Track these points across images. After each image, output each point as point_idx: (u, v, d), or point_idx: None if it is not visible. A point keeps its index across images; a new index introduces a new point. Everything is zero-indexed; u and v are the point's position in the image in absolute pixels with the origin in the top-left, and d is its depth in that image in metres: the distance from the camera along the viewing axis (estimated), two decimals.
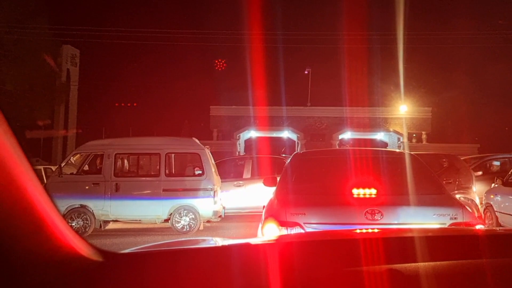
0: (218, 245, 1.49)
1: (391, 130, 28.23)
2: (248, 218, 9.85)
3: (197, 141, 9.93)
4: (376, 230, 2.30)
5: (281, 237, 2.07)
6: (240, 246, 1.34)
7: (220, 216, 9.64)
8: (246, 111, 26.93)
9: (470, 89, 28.52)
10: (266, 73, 23.05)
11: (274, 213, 3.84)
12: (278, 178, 4.80)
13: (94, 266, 0.99)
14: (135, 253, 1.25)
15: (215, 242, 1.67)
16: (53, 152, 28.83)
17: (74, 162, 10.35)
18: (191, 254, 1.24)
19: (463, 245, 1.30)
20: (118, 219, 9.51)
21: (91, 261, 0.99)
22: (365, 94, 26.08)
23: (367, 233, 1.75)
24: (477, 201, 9.90)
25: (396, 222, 3.63)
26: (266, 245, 1.37)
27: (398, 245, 1.25)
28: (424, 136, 28.22)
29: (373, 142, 28.17)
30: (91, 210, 9.08)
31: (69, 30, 26.68)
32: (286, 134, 28.47)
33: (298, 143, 27.96)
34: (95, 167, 10.05)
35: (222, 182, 10.51)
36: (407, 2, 20.38)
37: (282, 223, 3.65)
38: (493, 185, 9.66)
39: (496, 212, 8.63)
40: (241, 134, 27.96)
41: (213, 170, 9.53)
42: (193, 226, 9.21)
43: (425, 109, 28.63)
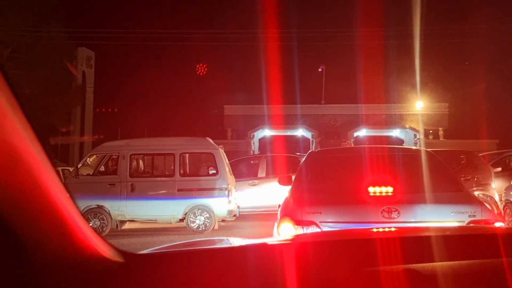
0: (234, 245, 1.49)
1: (407, 126, 27.91)
2: (263, 217, 9.83)
3: (211, 141, 9.95)
4: (393, 229, 2.26)
5: (297, 236, 2.05)
6: (256, 247, 1.34)
7: (235, 215, 9.66)
8: (260, 110, 26.92)
9: (488, 83, 28.01)
10: (279, 71, 23.00)
11: (290, 212, 3.82)
12: (293, 177, 4.78)
13: (115, 267, 1.00)
14: (154, 253, 1.27)
15: (231, 242, 1.66)
16: (70, 153, 29.25)
17: (90, 163, 10.46)
18: (208, 254, 1.25)
19: (482, 244, 1.27)
20: (134, 219, 9.60)
21: (112, 261, 1.01)
22: (380, 90, 25.86)
23: (384, 232, 1.72)
24: (496, 198, 9.72)
25: (413, 220, 3.57)
26: (282, 245, 1.36)
27: (415, 244, 1.23)
28: (441, 132, 27.83)
29: (389, 139, 27.89)
30: (108, 210, 9.17)
31: (84, 33, 27.04)
32: (301, 132, 28.37)
33: (312, 141, 27.85)
34: (111, 168, 10.16)
35: (237, 181, 10.52)
36: None
37: (298, 222, 3.63)
38: None
39: None
40: (255, 133, 27.97)
41: (227, 169, 9.54)
42: (208, 226, 9.24)
43: (442, 104, 28.23)
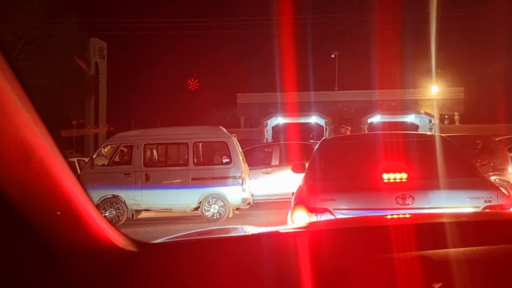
0: (248, 233, 1.49)
1: (422, 112, 27.55)
2: (277, 205, 9.85)
3: (224, 129, 9.97)
4: (407, 216, 2.24)
5: (310, 224, 2.05)
6: (270, 235, 1.34)
7: (249, 203, 9.70)
8: (273, 98, 26.80)
9: (504, 66, 27.40)
10: (292, 58, 22.81)
11: (304, 199, 3.82)
12: (306, 165, 4.77)
13: (130, 256, 1.02)
14: (168, 242, 1.28)
15: (245, 230, 1.67)
16: (85, 144, 29.61)
17: (105, 154, 10.58)
18: (222, 243, 1.26)
19: (497, 229, 1.25)
20: (150, 208, 9.71)
21: (127, 251, 1.02)
22: (394, 76, 25.48)
23: (398, 218, 1.71)
24: None
25: (428, 207, 3.55)
26: (296, 233, 1.36)
27: (428, 230, 1.22)
28: (456, 117, 27.41)
29: (403, 125, 27.58)
30: (123, 200, 9.29)
31: (95, 23, 27.14)
32: (314, 119, 28.22)
33: (326, 128, 27.70)
34: (126, 158, 10.26)
35: (251, 169, 10.54)
36: None
37: (312, 210, 3.63)
38: None
39: None
40: (268, 121, 27.91)
41: (240, 158, 9.56)
42: (222, 214, 9.31)
43: (457, 89, 27.76)
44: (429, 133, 14.26)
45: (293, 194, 4.39)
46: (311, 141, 15.06)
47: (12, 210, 0.76)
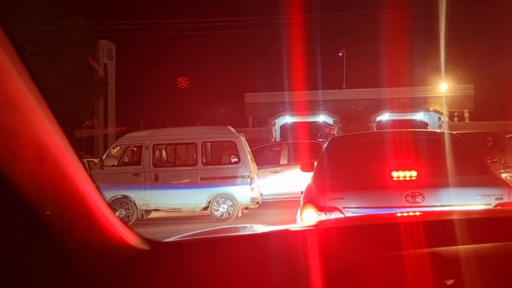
0: (258, 232, 1.50)
1: (431, 109, 27.34)
2: (286, 204, 9.85)
3: (232, 129, 9.99)
4: (417, 213, 2.23)
5: (320, 222, 2.05)
6: (279, 233, 1.35)
7: (257, 202, 9.71)
8: (280, 97, 26.78)
9: None
10: (299, 57, 22.76)
11: (313, 198, 3.81)
12: (315, 163, 4.76)
13: (143, 255, 1.03)
14: (179, 241, 1.29)
15: (255, 229, 1.68)
16: (94, 144, 29.81)
17: (114, 154, 10.65)
18: (233, 241, 1.27)
19: (509, 226, 1.24)
20: (159, 208, 9.76)
21: (139, 250, 1.03)
22: (402, 73, 25.30)
23: (408, 216, 1.70)
24: None
25: (438, 204, 3.52)
26: (305, 231, 1.37)
27: (438, 227, 1.21)
28: (466, 114, 27.15)
29: (412, 123, 27.40)
30: (133, 200, 9.35)
31: (104, 25, 27.31)
32: (322, 118, 28.15)
33: (334, 127, 27.61)
34: (135, 158, 10.33)
35: (259, 168, 10.55)
36: None
37: (321, 208, 3.62)
38: None
39: None
40: (276, 120, 27.89)
41: (249, 157, 9.58)
42: (231, 213, 9.33)
43: (467, 86, 27.49)
44: (438, 130, 14.17)
45: (302, 193, 4.38)
46: (320, 140, 15.04)
47: (27, 209, 0.77)
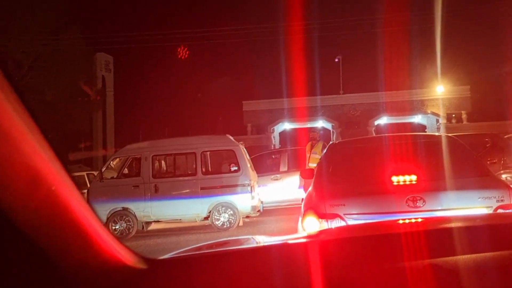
0: (259, 245, 1.49)
1: (429, 112, 27.41)
2: (287, 211, 9.82)
3: (231, 137, 9.99)
4: (419, 220, 2.22)
5: (321, 232, 2.03)
6: (280, 246, 1.34)
7: (258, 210, 9.68)
8: (279, 104, 26.87)
9: (510, 62, 27.16)
10: (296, 63, 22.84)
11: (313, 205, 3.80)
12: (315, 170, 4.75)
13: (139, 274, 1.01)
14: (177, 258, 1.28)
15: (256, 241, 1.66)
16: (94, 157, 29.78)
17: (114, 166, 10.63)
18: (232, 256, 1.25)
19: (510, 233, 1.22)
20: (159, 220, 9.72)
21: (136, 269, 1.01)
22: (399, 77, 25.36)
23: (410, 224, 1.69)
24: None
25: (439, 208, 3.51)
26: (306, 243, 1.35)
27: (441, 237, 1.20)
28: (464, 115, 27.23)
29: (410, 126, 27.46)
30: (133, 212, 9.31)
31: (101, 38, 27.41)
32: (321, 123, 28.20)
33: (333, 132, 27.65)
34: (134, 170, 10.31)
35: (259, 176, 10.53)
36: None
37: (322, 215, 3.61)
38: None
39: None
40: (275, 127, 27.93)
41: (248, 165, 9.56)
42: (232, 223, 9.29)
43: (463, 88, 27.61)
44: (436, 133, 14.18)
45: (302, 200, 4.37)
46: None
47: (22, 235, 0.76)
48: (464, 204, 3.55)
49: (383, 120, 27.80)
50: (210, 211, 9.32)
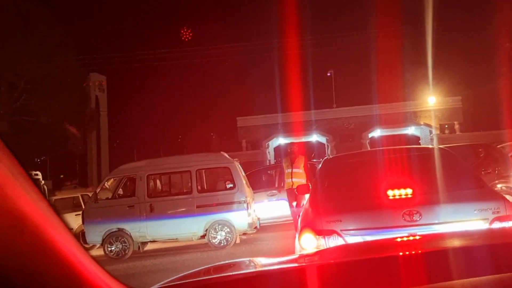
0: (256, 271, 1.47)
1: (422, 123, 27.58)
2: (284, 227, 9.78)
3: (225, 155, 9.98)
4: (417, 238, 2.21)
5: (318, 253, 2.01)
6: (278, 272, 1.32)
7: (255, 227, 9.62)
8: (273, 119, 26.97)
9: (500, 71, 27.49)
10: (289, 79, 23.01)
11: (310, 222, 3.78)
12: (310, 185, 4.74)
13: None
14: (174, 286, 1.24)
15: (254, 264, 1.64)
16: (88, 177, 29.61)
17: (108, 187, 10.56)
18: (227, 285, 1.22)
19: (507, 254, 1.20)
20: (156, 240, 9.62)
21: None
22: (391, 89, 25.60)
23: (408, 244, 1.68)
24: None
25: (436, 222, 3.50)
26: (305, 268, 1.34)
27: (440, 260, 1.17)
28: (456, 126, 27.42)
29: (404, 138, 27.57)
30: (129, 233, 9.22)
31: (94, 59, 27.49)
32: (315, 137, 28.26)
33: (327, 146, 27.70)
34: (129, 190, 10.23)
35: (255, 192, 10.49)
36: None
37: (319, 232, 3.58)
38: None
39: None
40: (269, 142, 27.94)
41: (244, 182, 9.53)
42: (229, 240, 9.21)
43: (454, 98, 27.86)
44: (430, 146, 14.24)
45: (298, 216, 4.34)
46: (314, 160, 15.03)
47: (10, 281, 0.75)
48: (460, 217, 3.54)
49: (377, 132, 27.92)
50: (207, 230, 9.24)
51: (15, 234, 0.75)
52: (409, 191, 3.80)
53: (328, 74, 29.59)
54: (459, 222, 3.46)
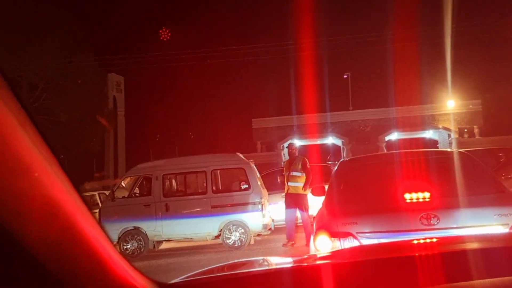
0: (271, 268, 1.47)
1: (440, 127, 27.19)
2: (298, 229, 9.72)
3: (241, 155, 9.99)
4: (434, 240, 2.17)
5: (334, 254, 1.99)
6: (293, 269, 1.31)
7: (270, 228, 9.60)
8: (288, 121, 26.91)
9: None
10: (305, 81, 22.94)
11: (325, 224, 3.75)
12: (326, 187, 4.70)
13: None
14: (189, 282, 1.26)
15: (268, 263, 1.64)
16: (105, 176, 29.97)
17: (125, 186, 10.68)
18: (243, 280, 1.23)
19: None
20: (171, 239, 9.68)
21: None
22: (409, 92, 25.27)
23: (424, 245, 1.65)
24: None
25: (454, 226, 3.43)
26: (320, 266, 1.33)
27: (456, 260, 1.16)
28: (476, 130, 26.95)
29: (422, 141, 27.21)
30: (144, 232, 9.29)
31: (112, 60, 27.85)
32: (331, 140, 28.11)
33: (343, 148, 27.53)
34: (145, 189, 10.32)
35: (270, 194, 10.47)
36: None
37: (334, 234, 3.55)
38: None
39: None
40: (285, 144, 27.88)
41: (259, 183, 9.53)
42: (244, 241, 9.21)
43: (474, 102, 27.40)
44: (449, 149, 14.04)
45: (314, 218, 4.31)
46: (329, 162, 14.95)
47: (41, 268, 0.77)
48: (479, 221, 3.47)
49: (394, 135, 27.62)
50: (221, 230, 9.26)
51: (50, 221, 0.77)
52: (427, 195, 3.74)
53: (344, 76, 29.43)
54: (478, 227, 3.39)
